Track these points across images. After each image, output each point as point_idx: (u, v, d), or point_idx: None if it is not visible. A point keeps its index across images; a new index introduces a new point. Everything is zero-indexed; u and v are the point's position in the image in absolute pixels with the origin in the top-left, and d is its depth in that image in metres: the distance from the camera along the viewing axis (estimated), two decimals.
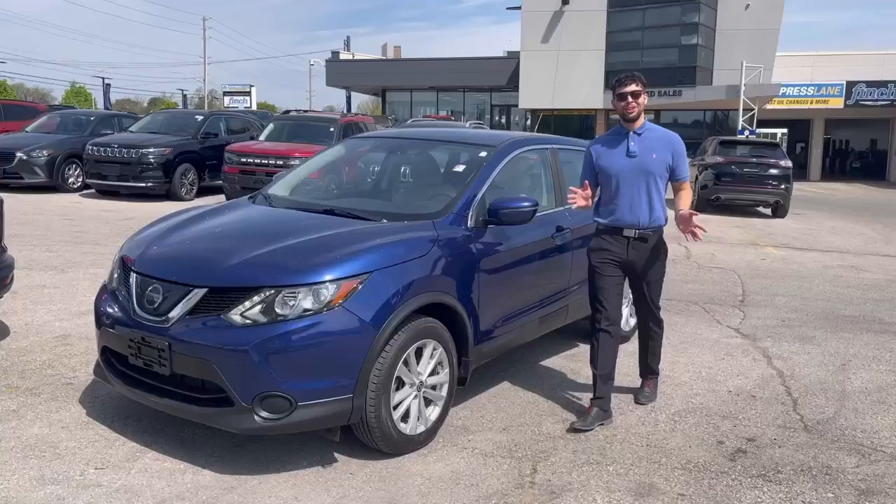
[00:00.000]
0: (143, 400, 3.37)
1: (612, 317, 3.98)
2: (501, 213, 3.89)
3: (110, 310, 3.52)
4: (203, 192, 13.68)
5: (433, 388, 3.62)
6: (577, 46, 28.95)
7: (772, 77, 28.29)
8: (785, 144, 30.71)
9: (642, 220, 3.94)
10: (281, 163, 11.71)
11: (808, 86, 30.12)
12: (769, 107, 29.27)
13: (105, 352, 3.59)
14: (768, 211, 15.91)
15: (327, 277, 3.17)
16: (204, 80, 71.60)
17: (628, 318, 5.51)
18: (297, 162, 10.43)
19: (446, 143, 4.79)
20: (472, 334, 3.82)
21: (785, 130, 33.26)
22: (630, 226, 3.94)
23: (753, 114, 27.10)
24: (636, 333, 4.60)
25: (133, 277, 3.46)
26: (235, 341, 3.08)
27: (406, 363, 3.42)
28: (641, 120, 3.98)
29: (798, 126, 34.71)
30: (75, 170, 13.53)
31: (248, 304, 3.14)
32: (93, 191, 13.38)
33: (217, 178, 12.92)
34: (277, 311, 3.13)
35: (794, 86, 29.73)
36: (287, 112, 14.99)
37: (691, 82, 28.38)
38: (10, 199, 13.08)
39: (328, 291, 3.16)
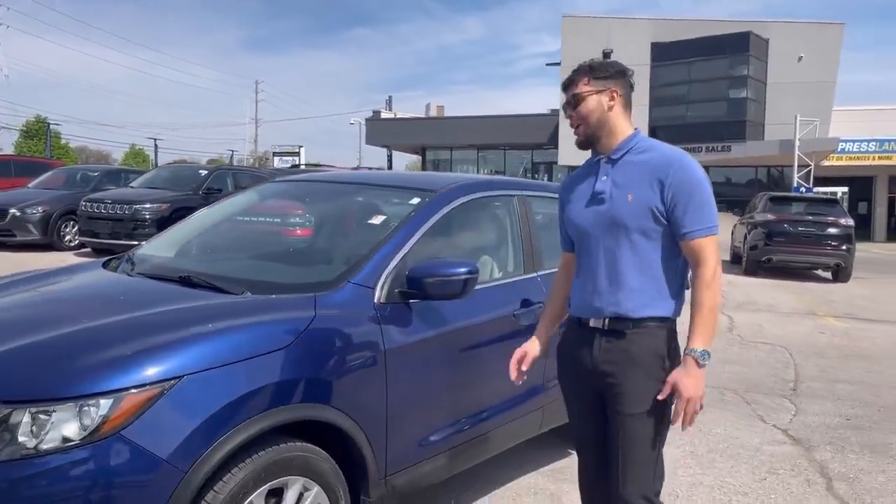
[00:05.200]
0: None
1: (586, 479, 2.49)
2: (426, 282, 2.70)
3: None
4: None
5: None
6: None
7: (829, 131, 26.74)
8: (846, 203, 28.85)
9: (610, 304, 2.24)
10: (279, 220, 10.76)
11: (868, 141, 28.29)
12: (827, 163, 27.58)
13: None
14: (828, 274, 14.31)
15: (100, 388, 2.02)
16: (255, 140, 73.15)
17: None
18: (297, 219, 9.50)
19: (374, 187, 3.65)
20: (375, 463, 2.60)
21: (846, 189, 31.32)
22: (595, 312, 2.28)
23: (809, 170, 25.45)
24: None
25: None
26: None
27: None
28: (620, 135, 2.27)
29: (859, 184, 32.71)
30: (72, 227, 12.86)
31: None
32: (89, 249, 12.65)
33: None
34: (21, 440, 1.98)
35: (853, 141, 27.99)
36: (295, 167, 14.19)
37: (741, 137, 27.04)
38: None
39: (99, 410, 2.00)
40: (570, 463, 3.95)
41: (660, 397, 2.16)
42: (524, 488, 3.65)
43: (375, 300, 2.69)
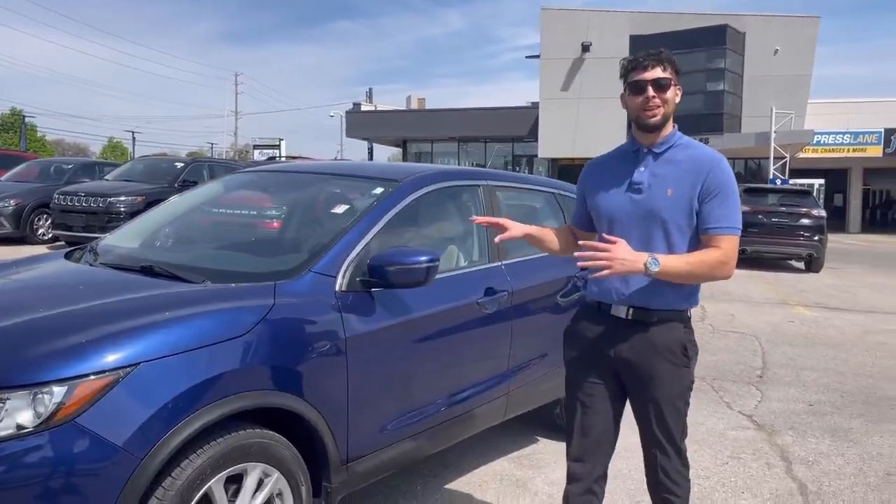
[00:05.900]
0: None
1: (589, 458, 2.44)
2: (387, 270, 2.73)
3: None
4: None
5: None
6: (598, 94, 27.95)
7: (804, 124, 27.00)
8: (822, 195, 29.20)
9: (638, 293, 2.32)
10: (255, 212, 10.72)
11: (843, 133, 28.62)
12: (803, 155, 27.85)
13: None
14: (801, 265, 14.52)
15: (53, 375, 2.03)
16: (236, 133, 72.66)
17: None
18: (273, 211, 9.48)
19: (337, 176, 3.66)
20: (336, 450, 2.63)
21: (822, 181, 31.69)
22: (621, 301, 2.35)
23: (785, 162, 25.69)
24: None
25: None
26: None
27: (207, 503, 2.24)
28: (669, 129, 2.37)
29: (834, 176, 33.13)
30: (46, 220, 12.73)
31: None
32: (63, 243, 12.53)
33: None
34: None
35: (828, 133, 28.31)
36: (272, 159, 14.13)
37: (718, 129, 27.19)
38: None
39: (53, 397, 2.01)
40: (535, 449, 4.01)
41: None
42: (490, 475, 3.70)
43: (337, 288, 2.71)
